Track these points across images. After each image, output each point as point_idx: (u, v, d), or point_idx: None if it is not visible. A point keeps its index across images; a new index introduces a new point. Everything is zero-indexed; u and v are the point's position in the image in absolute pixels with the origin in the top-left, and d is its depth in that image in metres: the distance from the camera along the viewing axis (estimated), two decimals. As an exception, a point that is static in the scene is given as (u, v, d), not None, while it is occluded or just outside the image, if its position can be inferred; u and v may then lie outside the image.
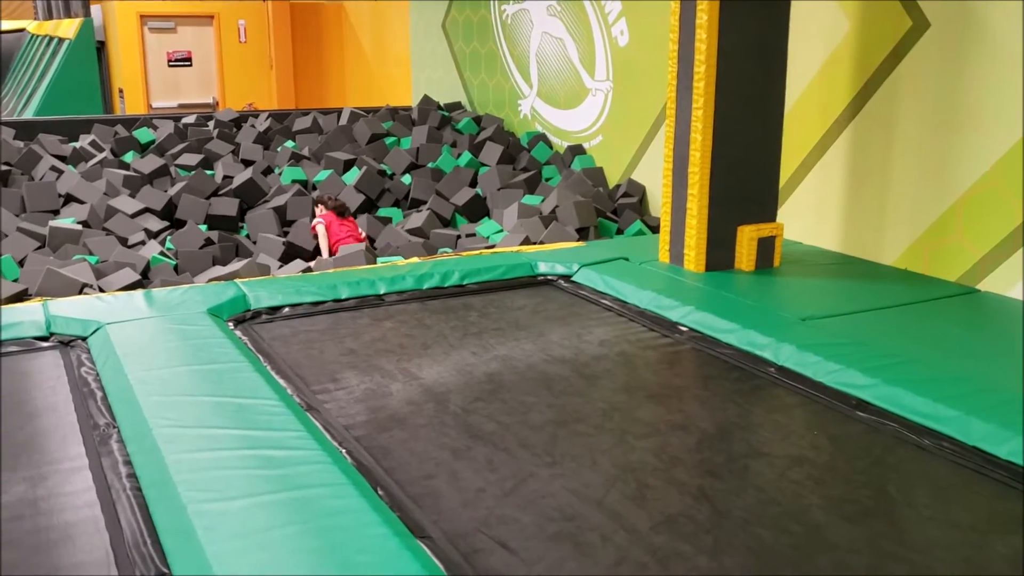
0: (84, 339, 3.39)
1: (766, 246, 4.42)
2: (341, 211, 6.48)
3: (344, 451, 2.53)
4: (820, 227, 4.92)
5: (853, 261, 4.61)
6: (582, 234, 5.85)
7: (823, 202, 4.90)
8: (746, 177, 4.38)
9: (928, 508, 2.32)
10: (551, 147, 7.63)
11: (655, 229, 6.09)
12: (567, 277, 4.40)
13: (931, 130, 4.30)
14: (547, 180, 7.12)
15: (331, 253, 6.21)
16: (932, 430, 2.73)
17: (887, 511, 2.30)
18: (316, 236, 6.35)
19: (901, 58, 4.41)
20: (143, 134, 8.22)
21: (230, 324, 3.59)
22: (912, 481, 2.47)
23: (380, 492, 2.30)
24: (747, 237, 4.38)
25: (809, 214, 4.98)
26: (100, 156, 7.59)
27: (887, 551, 2.11)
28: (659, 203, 6.31)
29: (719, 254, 4.40)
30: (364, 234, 6.49)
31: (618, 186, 6.73)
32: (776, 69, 4.34)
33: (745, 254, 4.40)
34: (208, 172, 7.30)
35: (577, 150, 7.25)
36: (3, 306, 3.72)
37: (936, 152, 4.29)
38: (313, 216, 6.62)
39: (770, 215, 4.49)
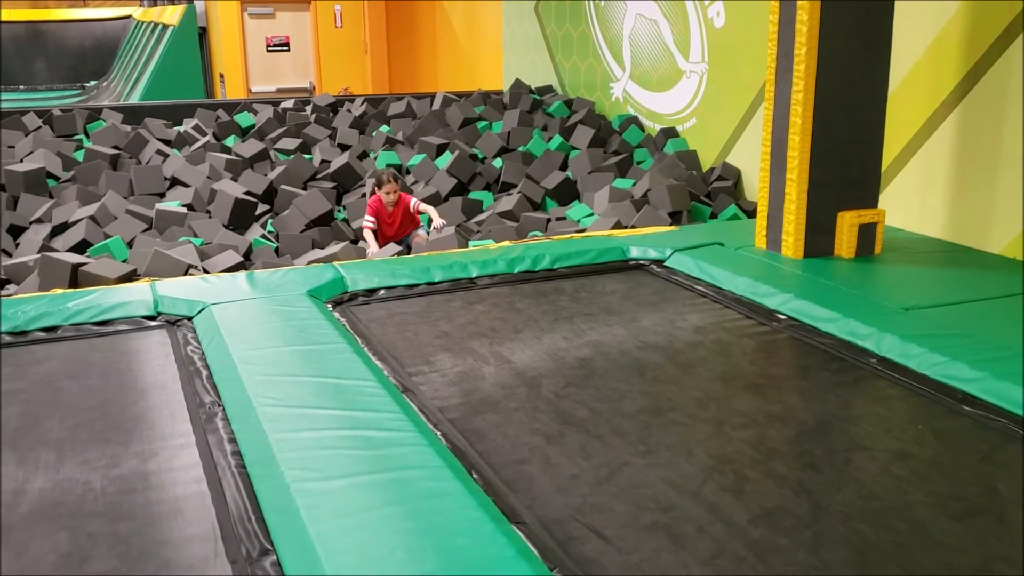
0: (190, 319, 3.51)
1: (867, 232, 4.30)
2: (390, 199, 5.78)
3: (439, 433, 2.56)
4: (924, 213, 4.75)
5: (958, 249, 4.44)
6: (675, 218, 5.77)
7: (927, 187, 4.73)
8: (847, 161, 4.26)
9: (1040, 508, 2.24)
10: (643, 130, 7.54)
11: (750, 214, 5.98)
12: (660, 262, 4.36)
13: (1047, 112, 4.11)
14: (639, 163, 7.04)
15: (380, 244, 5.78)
16: (1045, 427, 2.62)
17: (997, 510, 2.22)
18: (364, 238, 5.84)
19: (1013, 39, 4.21)
20: (244, 118, 8.43)
21: (329, 305, 3.67)
22: None
23: (475, 476, 2.33)
24: (847, 223, 4.27)
25: (912, 200, 4.81)
26: (203, 140, 7.82)
27: (997, 552, 2.04)
28: (754, 187, 6.20)
29: (818, 240, 4.30)
30: (419, 202, 5.96)
31: (712, 169, 6.62)
32: (880, 49, 4.20)
33: (845, 240, 4.28)
34: (306, 156, 7.45)
35: (670, 133, 7.15)
36: (114, 286, 3.87)
37: (1052, 136, 4.09)
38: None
39: (872, 200, 4.36)
